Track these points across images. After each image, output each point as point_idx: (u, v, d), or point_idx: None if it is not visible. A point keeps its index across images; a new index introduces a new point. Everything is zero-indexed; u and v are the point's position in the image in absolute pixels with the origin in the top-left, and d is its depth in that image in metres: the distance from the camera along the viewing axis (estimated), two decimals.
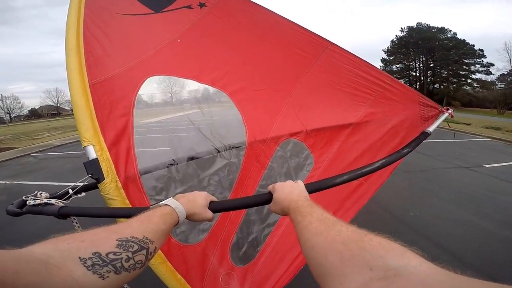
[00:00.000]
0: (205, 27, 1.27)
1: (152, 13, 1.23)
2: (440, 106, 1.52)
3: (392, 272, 0.34)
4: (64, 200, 0.81)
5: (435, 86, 49.50)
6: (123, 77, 1.04)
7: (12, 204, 0.80)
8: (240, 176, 1.17)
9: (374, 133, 1.37)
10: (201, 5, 1.29)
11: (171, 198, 0.69)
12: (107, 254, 0.43)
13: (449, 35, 46.80)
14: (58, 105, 71.97)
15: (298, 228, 0.56)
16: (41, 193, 0.80)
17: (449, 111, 1.51)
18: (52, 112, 72.58)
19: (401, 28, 51.53)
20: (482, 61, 42.48)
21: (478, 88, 43.04)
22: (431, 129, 1.36)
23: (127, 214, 0.77)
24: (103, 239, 0.46)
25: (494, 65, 40.53)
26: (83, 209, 0.76)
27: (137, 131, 1.01)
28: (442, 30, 47.65)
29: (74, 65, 0.93)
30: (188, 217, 0.69)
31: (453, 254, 2.85)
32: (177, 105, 1.30)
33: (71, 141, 12.95)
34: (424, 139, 1.30)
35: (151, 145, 1.14)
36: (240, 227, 1.20)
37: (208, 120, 1.24)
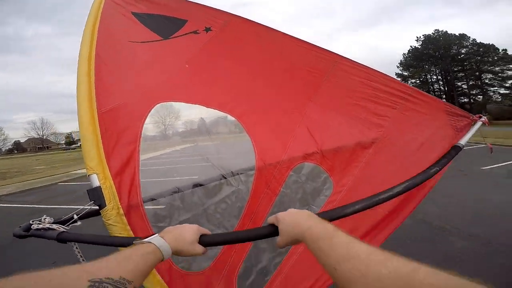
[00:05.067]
0: (212, 51, 1.33)
1: (161, 40, 1.33)
2: (471, 114, 1.41)
3: None
4: (67, 225, 0.89)
5: (460, 99, 47.89)
6: (131, 105, 1.11)
7: (20, 227, 0.91)
8: (249, 203, 1.15)
9: (403, 151, 1.29)
10: (207, 29, 1.38)
11: (157, 235, 0.70)
12: None
13: (470, 42, 46.42)
14: (44, 137, 72.02)
15: (320, 257, 0.55)
16: (46, 218, 0.90)
17: (482, 119, 1.40)
18: (38, 146, 71.53)
19: (417, 37, 51.21)
20: None
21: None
22: (463, 141, 1.27)
23: (123, 243, 0.82)
24: (74, 280, 0.45)
25: None
26: (80, 235, 0.84)
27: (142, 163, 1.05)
28: (463, 37, 47.13)
29: (84, 92, 1.02)
30: (175, 254, 0.70)
31: None
32: (176, 138, 1.39)
33: None
34: (456, 154, 1.22)
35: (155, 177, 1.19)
36: (248, 255, 1.18)
37: (215, 146, 1.28)
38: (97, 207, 0.92)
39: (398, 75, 53.87)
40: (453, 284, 0.34)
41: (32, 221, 0.89)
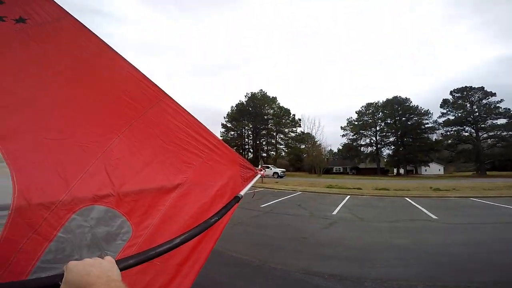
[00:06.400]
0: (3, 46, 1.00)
1: None
2: (256, 167, 1.75)
3: None
4: None
5: (261, 153, 60.57)
6: None
7: None
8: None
9: (203, 196, 1.38)
10: (21, 20, 1.06)
11: None
12: None
13: (277, 104, 59.32)
14: None
15: None
16: None
17: (261, 172, 1.79)
18: None
19: (246, 93, 61.00)
20: (296, 129, 58.88)
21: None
22: (242, 192, 1.48)
23: None
24: None
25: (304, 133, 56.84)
26: None
27: None
28: (274, 100, 59.66)
29: None
30: None
31: None
32: None
33: None
34: (236, 203, 1.39)
35: None
36: None
37: None
38: None
39: (223, 125, 61.29)
40: None
41: None
